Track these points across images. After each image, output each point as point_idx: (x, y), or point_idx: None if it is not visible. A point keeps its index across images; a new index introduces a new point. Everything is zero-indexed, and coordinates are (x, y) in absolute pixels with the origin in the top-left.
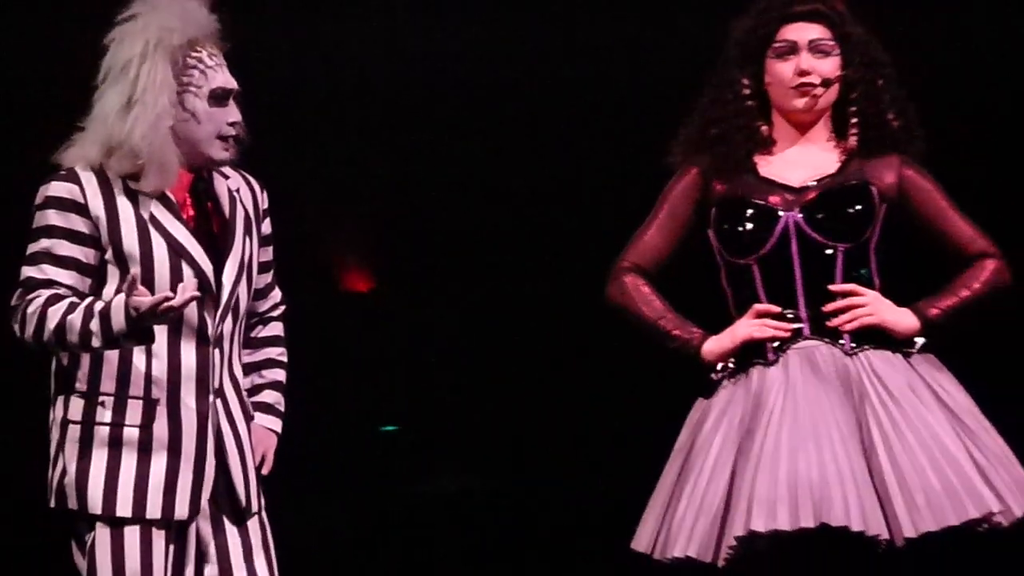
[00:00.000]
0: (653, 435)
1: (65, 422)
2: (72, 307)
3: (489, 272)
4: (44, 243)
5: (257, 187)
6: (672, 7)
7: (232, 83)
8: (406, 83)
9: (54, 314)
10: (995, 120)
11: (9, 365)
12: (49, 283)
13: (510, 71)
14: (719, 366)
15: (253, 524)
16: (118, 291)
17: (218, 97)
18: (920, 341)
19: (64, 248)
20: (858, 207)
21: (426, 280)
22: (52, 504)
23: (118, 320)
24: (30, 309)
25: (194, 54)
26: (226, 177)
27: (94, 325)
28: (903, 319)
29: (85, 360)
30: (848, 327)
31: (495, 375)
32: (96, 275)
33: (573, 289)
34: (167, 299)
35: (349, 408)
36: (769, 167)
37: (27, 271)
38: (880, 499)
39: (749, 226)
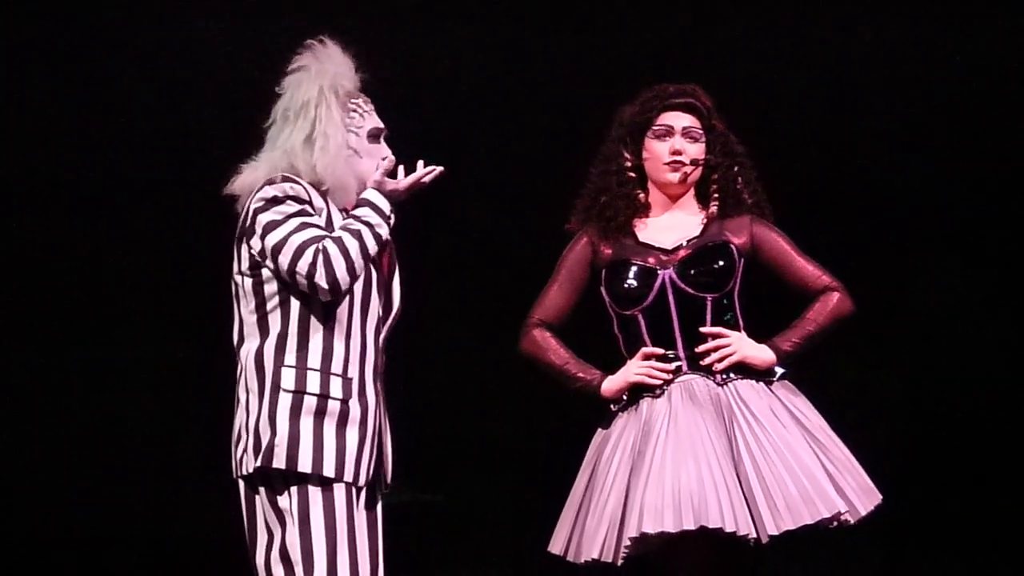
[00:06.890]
0: (566, 453)
1: (277, 389)
2: (345, 228)
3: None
4: (299, 219)
5: None
6: None
7: (382, 125)
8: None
9: (347, 238)
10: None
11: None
12: (323, 236)
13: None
14: (615, 401)
15: (378, 502)
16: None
17: (374, 136)
18: (779, 371)
19: (314, 219)
20: (721, 263)
21: None
22: (257, 464)
23: (382, 201)
24: (330, 250)
25: (353, 101)
26: None
27: (372, 218)
28: (762, 354)
29: (293, 338)
30: (717, 367)
31: (440, 408)
32: None
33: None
34: (427, 173)
35: None
36: (646, 232)
37: (300, 237)
38: (748, 503)
39: (633, 284)
